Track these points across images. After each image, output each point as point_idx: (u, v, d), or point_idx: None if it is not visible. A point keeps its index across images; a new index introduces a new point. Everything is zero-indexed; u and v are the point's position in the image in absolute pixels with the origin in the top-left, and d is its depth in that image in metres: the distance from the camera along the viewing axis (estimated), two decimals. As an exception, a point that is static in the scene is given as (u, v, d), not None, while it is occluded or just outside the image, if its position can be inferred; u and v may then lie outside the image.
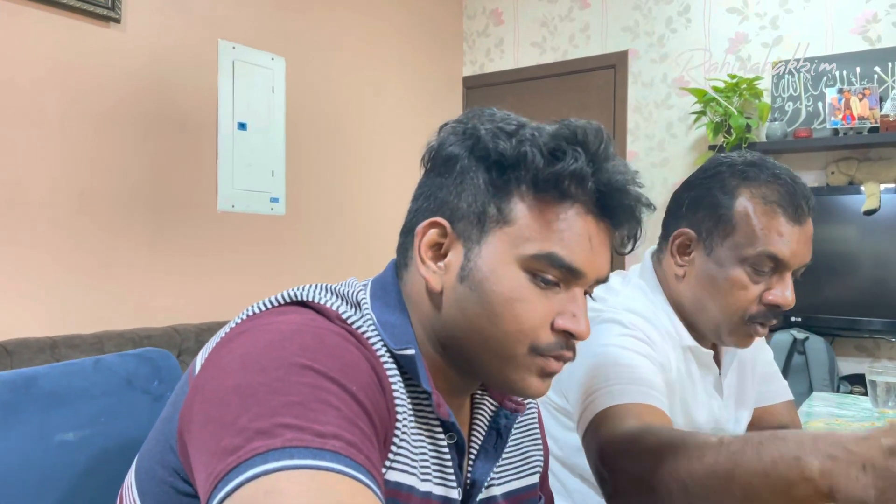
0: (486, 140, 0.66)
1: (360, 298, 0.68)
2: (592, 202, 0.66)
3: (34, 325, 2.24)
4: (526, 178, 0.65)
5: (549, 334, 0.65)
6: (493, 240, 0.65)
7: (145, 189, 2.59)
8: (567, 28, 3.98)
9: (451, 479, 0.68)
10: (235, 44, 2.93)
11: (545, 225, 0.65)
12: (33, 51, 2.26)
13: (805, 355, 3.10)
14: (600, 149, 0.66)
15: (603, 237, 0.68)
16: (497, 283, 0.65)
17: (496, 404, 0.77)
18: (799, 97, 3.28)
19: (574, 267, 0.65)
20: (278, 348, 0.55)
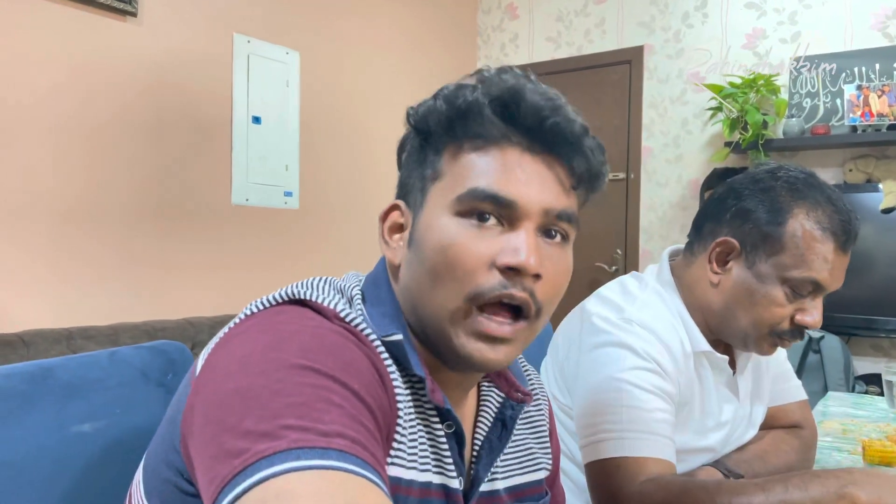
0: (413, 110, 0.68)
1: (353, 294, 0.68)
2: (518, 136, 0.65)
3: (50, 316, 2.26)
4: (442, 130, 0.66)
5: (489, 275, 0.62)
6: (430, 199, 0.66)
7: (161, 182, 2.61)
8: (582, 23, 3.96)
9: (451, 468, 0.67)
10: (250, 38, 2.93)
11: (469, 167, 0.64)
12: (50, 44, 2.28)
13: (820, 354, 3.08)
14: (506, 82, 0.64)
15: (538, 168, 0.65)
16: (431, 235, 0.64)
17: (503, 395, 0.77)
18: (817, 93, 3.25)
19: (500, 195, 0.62)
20: (278, 349, 0.54)
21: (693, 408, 1.11)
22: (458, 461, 0.69)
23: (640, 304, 1.10)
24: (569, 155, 0.66)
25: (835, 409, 1.75)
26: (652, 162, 3.75)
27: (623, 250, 3.84)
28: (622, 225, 3.84)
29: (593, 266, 3.92)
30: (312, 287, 0.65)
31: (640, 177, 3.77)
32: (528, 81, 0.66)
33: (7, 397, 0.69)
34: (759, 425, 1.24)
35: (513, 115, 0.64)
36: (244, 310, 0.63)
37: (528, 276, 0.62)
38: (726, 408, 1.15)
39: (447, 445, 0.67)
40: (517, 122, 0.64)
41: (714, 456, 1.14)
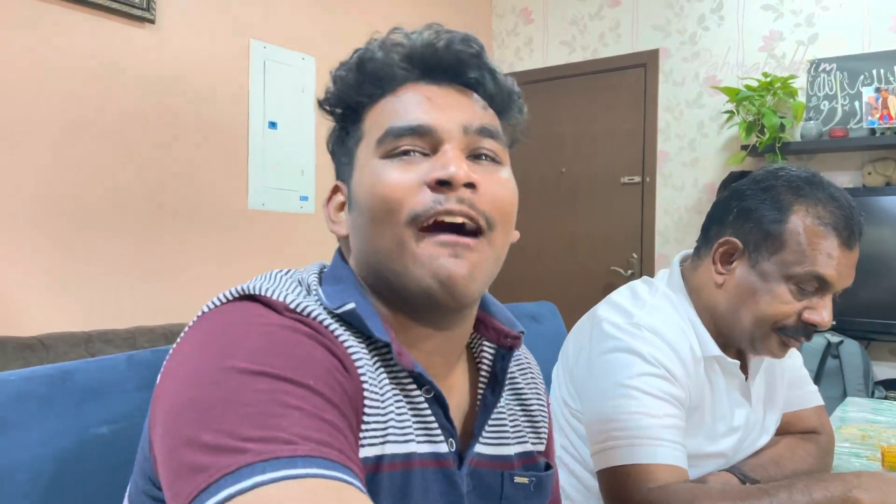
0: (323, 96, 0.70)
1: (311, 281, 0.66)
2: (425, 77, 0.67)
3: (69, 319, 2.28)
4: (354, 97, 0.67)
5: (422, 195, 0.62)
6: (358, 157, 0.67)
7: (178, 186, 2.63)
8: (597, 26, 3.95)
9: (437, 433, 0.65)
10: (266, 44, 2.96)
11: (384, 113, 0.66)
12: (72, 51, 2.31)
13: (839, 359, 3.04)
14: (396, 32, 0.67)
15: (451, 95, 0.66)
16: (362, 184, 0.65)
17: (494, 347, 0.75)
18: (835, 96, 3.22)
19: (415, 125, 0.64)
20: (227, 356, 0.52)
21: (704, 413, 1.10)
22: (446, 424, 0.66)
23: (649, 309, 1.10)
24: (475, 75, 0.67)
25: (854, 415, 1.73)
26: (668, 165, 3.73)
27: (639, 254, 3.82)
28: (637, 229, 3.82)
29: (608, 270, 3.90)
30: (266, 279, 0.64)
31: (656, 180, 3.76)
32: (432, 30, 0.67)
33: (27, 400, 0.70)
34: (772, 431, 1.23)
35: (407, 54, 0.66)
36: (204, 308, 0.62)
37: (460, 188, 0.61)
38: (738, 413, 1.14)
39: (430, 411, 0.65)
40: (413, 58, 0.66)
41: (726, 462, 1.13)
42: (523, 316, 1.86)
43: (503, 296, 3.80)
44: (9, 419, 0.68)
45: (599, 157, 3.96)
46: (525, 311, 1.90)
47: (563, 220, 4.08)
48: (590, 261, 3.99)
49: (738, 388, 1.16)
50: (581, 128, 4.02)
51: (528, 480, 0.74)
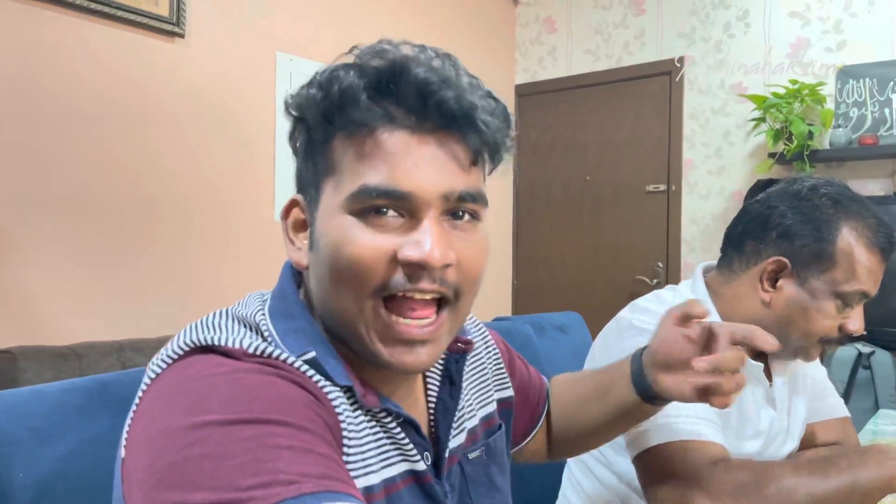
0: (288, 100, 0.63)
1: (258, 320, 0.63)
2: (403, 118, 0.59)
3: (101, 329, 2.32)
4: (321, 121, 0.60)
5: (392, 271, 0.58)
6: (324, 196, 0.61)
7: (206, 197, 2.67)
8: (621, 35, 3.94)
9: (412, 452, 0.65)
10: (292, 56, 2.99)
11: (356, 160, 0.59)
12: (104, 65, 2.36)
13: (871, 370, 2.99)
14: (385, 60, 0.59)
15: (430, 150, 0.59)
16: (328, 235, 0.60)
17: (446, 352, 0.73)
18: (864, 103, 3.18)
19: (392, 189, 0.57)
20: (200, 412, 0.50)
21: (730, 413, 1.11)
22: (420, 440, 0.66)
23: None
24: (462, 131, 0.60)
25: (886, 428, 1.70)
26: (693, 174, 3.70)
27: (664, 263, 3.79)
28: (663, 237, 3.80)
29: (634, 279, 3.88)
30: (212, 327, 0.60)
31: (682, 189, 3.73)
32: (414, 53, 0.61)
33: (67, 411, 0.72)
34: (798, 438, 1.22)
35: (395, 97, 0.59)
36: (148, 370, 0.59)
37: (435, 269, 0.58)
38: (764, 415, 1.15)
39: (403, 433, 0.65)
40: (398, 102, 0.59)
41: None
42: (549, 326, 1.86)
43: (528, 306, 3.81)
44: (49, 430, 0.70)
45: (624, 165, 3.94)
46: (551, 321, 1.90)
47: (588, 230, 4.06)
48: (615, 270, 3.97)
49: (762, 393, 1.16)
50: (605, 136, 4.01)
51: (480, 452, 0.77)
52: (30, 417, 0.70)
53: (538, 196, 4.25)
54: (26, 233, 2.19)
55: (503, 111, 0.64)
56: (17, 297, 2.18)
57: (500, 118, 0.63)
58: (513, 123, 0.65)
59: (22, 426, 0.69)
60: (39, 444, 0.69)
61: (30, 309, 2.21)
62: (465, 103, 0.59)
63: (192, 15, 2.60)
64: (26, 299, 2.20)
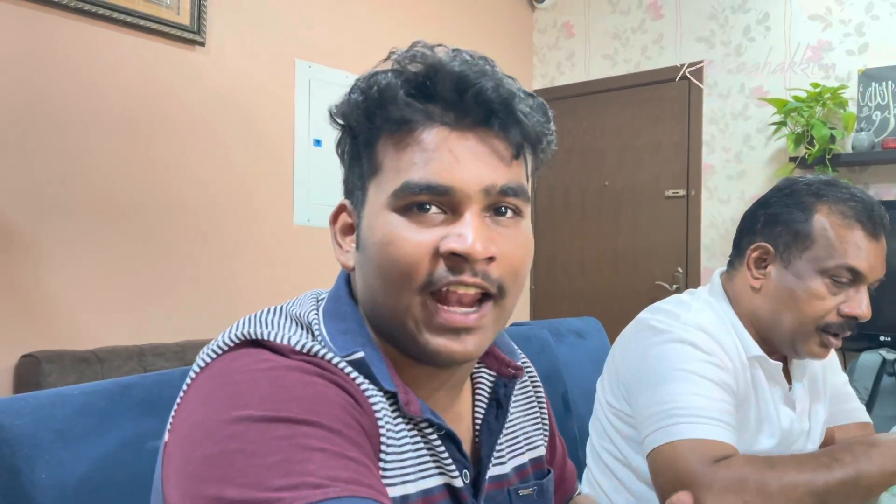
0: (332, 109, 0.65)
1: (311, 320, 0.64)
2: (442, 114, 0.60)
3: (123, 334, 2.35)
4: (364, 123, 0.62)
5: (436, 264, 0.59)
6: (370, 196, 0.63)
7: (226, 203, 2.70)
8: (639, 39, 3.93)
9: (451, 467, 0.65)
10: (311, 63, 3.02)
11: (398, 158, 0.60)
12: (126, 73, 2.39)
13: (895, 377, 2.94)
14: (421, 60, 0.61)
15: (470, 144, 0.60)
16: (373, 235, 0.61)
17: (494, 374, 0.74)
18: (887, 106, 3.14)
19: (433, 184, 0.58)
20: (239, 406, 0.51)
21: (749, 411, 1.12)
22: (460, 457, 0.66)
23: (694, 311, 1.14)
24: (502, 123, 0.61)
25: (912, 436, 1.67)
26: (713, 178, 3.68)
27: (684, 269, 3.76)
28: (683, 242, 3.77)
29: (653, 285, 3.85)
30: (264, 323, 0.62)
31: (701, 193, 3.70)
32: (448, 55, 0.62)
33: (89, 414, 0.73)
34: (818, 441, 1.22)
35: (430, 93, 0.60)
36: (198, 359, 0.60)
37: (477, 262, 0.59)
38: (783, 417, 1.15)
39: (443, 447, 0.65)
40: (436, 98, 0.60)
41: None
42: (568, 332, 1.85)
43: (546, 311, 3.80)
44: (71, 432, 0.71)
45: (643, 170, 3.92)
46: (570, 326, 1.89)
47: (607, 235, 4.04)
48: (634, 275, 3.94)
49: (780, 394, 1.17)
50: (624, 141, 4.00)
51: (531, 491, 0.76)
52: (53, 420, 0.71)
53: (556, 201, 4.24)
54: (50, 239, 2.22)
55: (541, 105, 0.65)
56: (40, 302, 2.21)
57: (539, 110, 0.64)
58: (552, 119, 0.65)
59: (45, 428, 0.70)
60: (62, 446, 0.70)
61: (53, 314, 2.24)
62: (503, 92, 0.60)
63: (212, 23, 2.63)
64: (49, 305, 2.23)
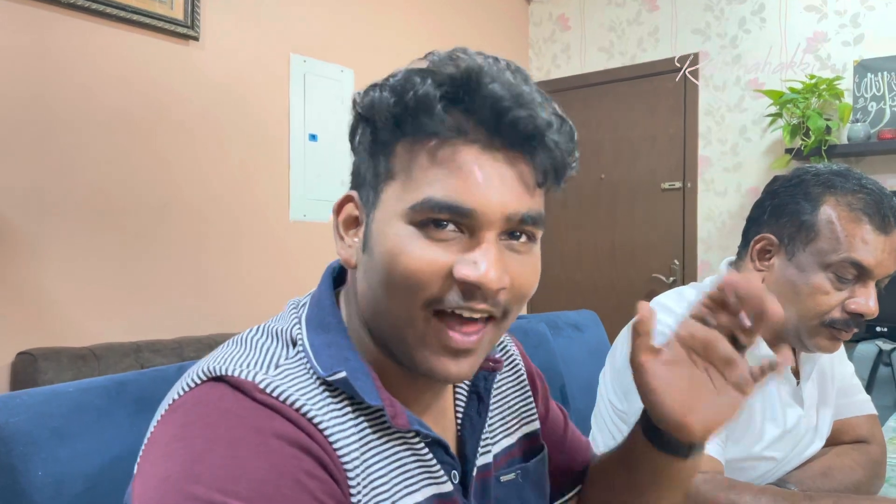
0: (359, 98, 0.62)
1: (295, 334, 0.63)
2: (475, 132, 0.58)
3: (119, 331, 2.35)
4: (391, 125, 0.59)
5: (447, 286, 0.58)
6: (384, 199, 0.60)
7: (222, 199, 2.69)
8: (635, 32, 3.92)
9: (439, 473, 0.65)
10: (306, 57, 3.01)
11: (423, 169, 0.58)
12: (119, 68, 2.38)
13: (891, 367, 2.95)
14: (460, 70, 0.57)
15: (498, 167, 0.58)
16: (384, 243, 0.59)
17: None
18: (883, 97, 3.14)
19: (457, 205, 0.57)
20: (192, 478, 0.52)
21: (753, 413, 1.10)
22: (448, 459, 0.66)
23: None
24: (532, 151, 0.59)
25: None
26: (709, 171, 3.68)
27: (681, 261, 3.77)
28: (679, 235, 3.77)
29: (650, 277, 3.86)
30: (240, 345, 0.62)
31: (698, 186, 3.71)
32: (487, 65, 0.59)
33: (85, 411, 0.73)
34: (825, 436, 1.21)
35: (468, 109, 0.58)
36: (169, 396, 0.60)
37: (490, 291, 0.58)
38: (790, 413, 1.14)
39: (430, 454, 0.65)
40: (473, 116, 0.58)
41: (776, 465, 1.12)
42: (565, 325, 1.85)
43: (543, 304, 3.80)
44: (68, 429, 0.71)
45: (639, 163, 3.92)
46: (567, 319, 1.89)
47: (604, 228, 4.05)
48: (631, 268, 3.95)
49: (789, 391, 1.15)
50: (620, 134, 3.99)
51: (514, 475, 0.75)
52: (49, 417, 0.71)
53: (553, 194, 4.23)
54: (45, 236, 2.22)
55: (570, 130, 0.63)
56: (36, 299, 2.20)
57: (567, 137, 0.62)
58: (575, 139, 0.64)
59: (41, 426, 0.70)
60: (58, 443, 0.70)
61: (49, 311, 2.24)
62: (539, 122, 0.58)
63: (206, 18, 2.62)
64: (46, 302, 2.23)
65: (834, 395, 1.24)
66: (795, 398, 1.16)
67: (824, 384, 1.22)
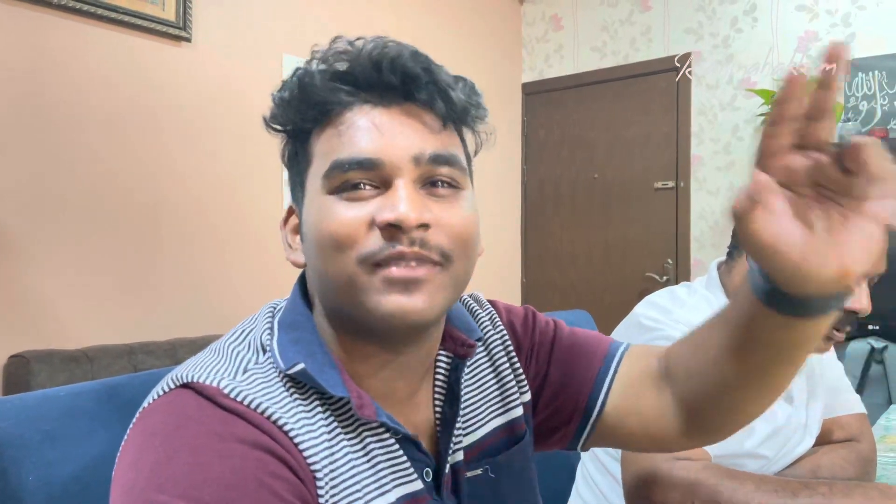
0: (265, 117, 0.66)
1: (264, 340, 0.64)
2: (365, 94, 0.62)
3: (112, 333, 2.34)
4: (294, 118, 0.64)
5: (372, 236, 0.58)
6: (308, 188, 0.64)
7: (215, 200, 2.69)
8: (628, 32, 3.93)
9: (409, 471, 0.64)
10: (299, 58, 3.00)
11: (329, 142, 0.62)
12: (112, 70, 2.38)
13: (883, 365, 2.97)
14: (338, 48, 0.63)
15: (396, 118, 0.61)
16: (311, 219, 0.62)
17: (450, 357, 0.72)
18: (874, 96, 3.16)
19: (361, 157, 0.59)
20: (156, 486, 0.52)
21: None
22: (420, 456, 0.65)
23: (688, 308, 1.12)
24: (426, 94, 0.61)
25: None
26: (702, 170, 3.69)
27: (674, 260, 3.78)
28: (672, 234, 3.79)
29: (644, 276, 3.87)
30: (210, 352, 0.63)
31: (690, 185, 3.72)
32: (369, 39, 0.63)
33: (77, 416, 0.72)
34: (815, 434, 1.22)
35: (351, 76, 0.61)
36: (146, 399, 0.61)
37: (412, 230, 0.58)
38: (780, 410, 1.14)
39: (400, 450, 0.64)
40: (358, 79, 0.61)
41: (766, 463, 1.13)
42: (557, 325, 1.85)
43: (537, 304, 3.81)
44: (59, 433, 0.71)
45: (632, 162, 3.93)
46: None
47: (597, 227, 4.06)
48: (624, 267, 3.95)
49: None
50: (613, 133, 4.00)
51: (482, 471, 0.72)
52: (40, 421, 0.70)
53: (547, 194, 4.25)
54: (38, 237, 2.21)
55: (467, 82, 0.65)
56: (28, 301, 2.20)
57: (455, 79, 0.64)
58: (478, 90, 0.66)
59: (32, 430, 0.69)
60: (50, 447, 0.69)
61: (41, 313, 2.23)
62: (421, 59, 0.62)
63: (198, 19, 2.61)
64: (38, 304, 2.22)
65: (822, 393, 1.25)
66: (785, 395, 1.16)
67: (812, 381, 1.23)
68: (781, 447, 1.14)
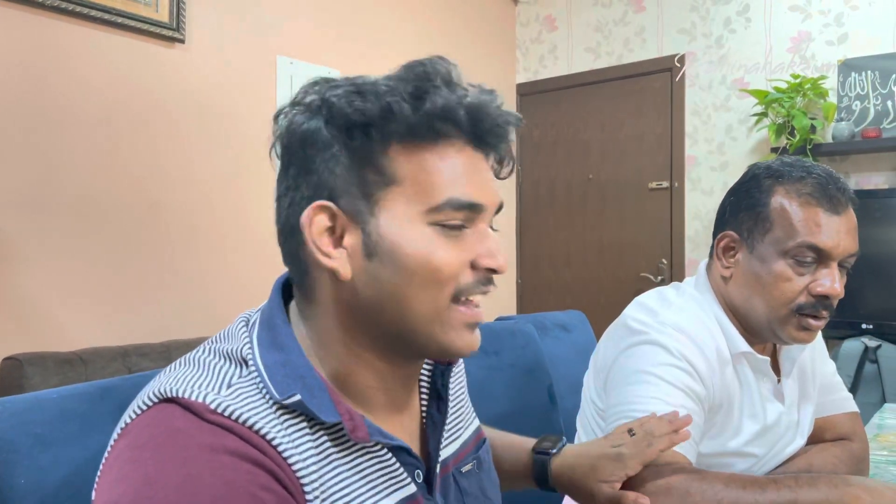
0: (340, 106, 0.63)
1: (245, 354, 0.63)
2: (465, 133, 0.65)
3: (106, 335, 2.33)
4: (397, 131, 0.62)
5: (470, 274, 0.65)
6: (388, 205, 0.62)
7: (209, 201, 2.68)
8: (622, 32, 3.94)
9: (402, 476, 0.66)
10: (293, 59, 3.00)
11: (433, 172, 0.63)
12: (105, 71, 2.37)
13: (877, 364, 2.98)
14: (453, 77, 0.65)
15: (482, 164, 0.67)
16: (409, 246, 0.62)
17: (431, 364, 0.77)
18: (867, 96, 3.17)
19: (474, 202, 0.64)
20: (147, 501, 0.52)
21: (732, 409, 1.11)
22: (412, 461, 0.68)
23: (675, 309, 1.13)
24: (500, 146, 0.68)
25: (891, 422, 1.69)
26: (696, 170, 3.70)
27: (668, 260, 3.79)
28: (667, 234, 3.79)
29: (638, 276, 3.87)
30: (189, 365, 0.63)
31: (685, 185, 3.73)
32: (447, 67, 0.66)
33: (69, 419, 0.72)
34: (807, 434, 1.22)
35: (475, 109, 0.64)
36: (125, 415, 0.61)
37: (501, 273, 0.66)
38: (770, 409, 1.15)
39: (393, 458, 0.66)
40: (474, 118, 0.65)
41: (756, 462, 1.13)
42: (553, 325, 1.86)
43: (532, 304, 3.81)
44: (51, 436, 0.71)
45: (627, 163, 3.94)
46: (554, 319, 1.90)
47: (591, 227, 4.06)
48: (619, 268, 3.96)
49: (769, 387, 1.16)
50: (607, 134, 4.01)
51: (471, 466, 0.78)
52: (31, 424, 0.70)
53: (541, 195, 4.25)
54: (31, 239, 2.20)
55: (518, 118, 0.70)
56: (22, 303, 2.19)
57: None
58: None
59: (23, 433, 0.69)
60: (41, 450, 0.69)
61: (35, 316, 2.22)
62: (511, 120, 0.67)
63: (191, 20, 2.61)
64: (32, 306, 2.21)
65: (815, 393, 1.25)
66: (776, 394, 1.16)
67: (805, 381, 1.23)
68: (772, 446, 1.14)
